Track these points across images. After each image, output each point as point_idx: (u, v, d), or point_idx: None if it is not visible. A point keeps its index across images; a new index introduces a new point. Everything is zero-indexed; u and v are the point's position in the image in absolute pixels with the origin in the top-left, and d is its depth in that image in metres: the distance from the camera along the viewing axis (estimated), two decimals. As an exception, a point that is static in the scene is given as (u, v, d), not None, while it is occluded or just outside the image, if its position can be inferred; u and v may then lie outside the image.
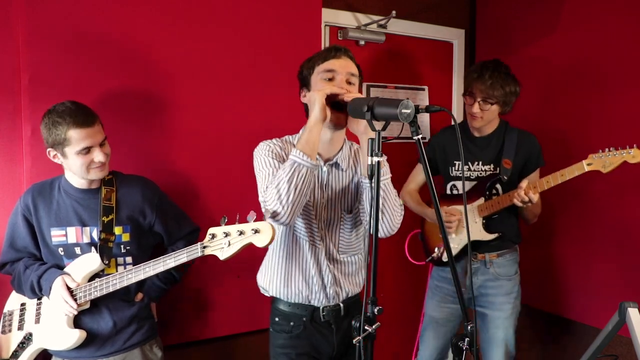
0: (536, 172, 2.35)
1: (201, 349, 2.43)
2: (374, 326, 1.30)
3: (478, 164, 2.39)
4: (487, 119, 2.33)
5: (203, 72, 2.31)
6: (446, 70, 3.30)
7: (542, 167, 2.36)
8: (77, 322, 1.82)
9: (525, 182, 2.17)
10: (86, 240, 1.84)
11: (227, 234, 1.58)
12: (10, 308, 1.92)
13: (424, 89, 3.21)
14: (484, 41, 3.22)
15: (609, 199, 2.50)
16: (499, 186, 2.32)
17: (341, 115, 1.62)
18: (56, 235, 1.84)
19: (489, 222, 2.32)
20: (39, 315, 1.86)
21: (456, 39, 3.29)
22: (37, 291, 1.83)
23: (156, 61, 2.22)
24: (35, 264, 1.85)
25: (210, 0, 2.31)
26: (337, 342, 1.84)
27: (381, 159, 1.33)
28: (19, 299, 1.92)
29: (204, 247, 1.63)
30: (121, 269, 1.85)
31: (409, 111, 1.30)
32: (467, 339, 1.38)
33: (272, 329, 1.87)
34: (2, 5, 1.97)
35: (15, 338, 1.87)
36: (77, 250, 1.84)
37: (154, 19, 2.21)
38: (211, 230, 1.62)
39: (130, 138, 2.18)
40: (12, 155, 2.03)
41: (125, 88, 2.17)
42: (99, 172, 1.81)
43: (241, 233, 1.56)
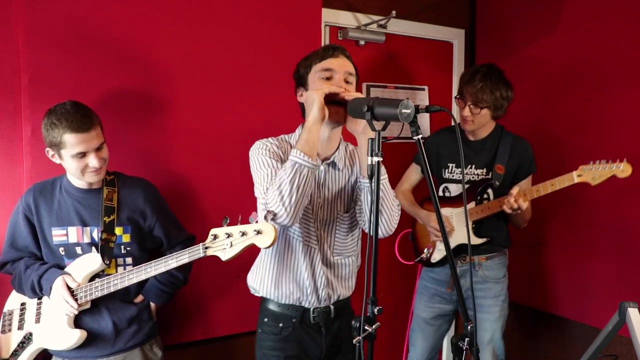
0: (528, 179, 2.36)
1: (201, 349, 2.43)
2: (374, 326, 1.30)
3: (471, 168, 2.39)
4: (479, 122, 2.33)
5: (203, 72, 2.31)
6: (446, 70, 3.30)
7: (534, 174, 2.36)
8: (78, 322, 1.82)
9: (516, 189, 2.18)
10: (87, 240, 1.84)
11: (229, 235, 1.58)
12: (10, 307, 1.92)
13: (424, 89, 3.21)
14: (484, 41, 3.22)
15: (608, 199, 2.50)
16: (490, 191, 2.32)
17: (340, 109, 1.60)
18: (57, 235, 1.84)
19: (478, 226, 2.33)
20: (39, 315, 1.86)
21: (456, 39, 3.29)
22: (38, 291, 1.83)
23: (156, 61, 2.22)
24: (36, 263, 1.85)
25: (210, 0, 2.31)
26: (326, 344, 1.81)
27: (380, 159, 1.33)
28: (19, 298, 1.92)
29: (206, 248, 1.62)
30: (121, 270, 1.85)
31: (409, 111, 1.30)
32: (467, 339, 1.38)
33: (260, 329, 1.85)
34: (2, 5, 1.97)
35: (15, 338, 1.87)
36: (78, 250, 1.84)
37: (154, 19, 2.21)
38: (213, 231, 1.61)
39: (130, 138, 2.18)
40: (12, 155, 2.03)
41: (125, 88, 2.17)
42: (94, 176, 1.81)
43: (243, 234, 1.55)
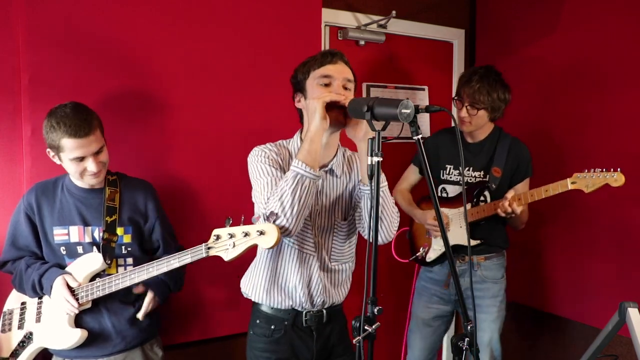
0: (525, 182, 2.35)
1: (201, 348, 2.43)
2: (374, 326, 1.30)
3: (468, 170, 2.39)
4: (476, 124, 2.33)
5: (203, 72, 2.31)
6: (446, 70, 3.30)
7: (531, 177, 2.36)
8: (78, 321, 1.82)
9: (511, 193, 2.18)
10: (88, 239, 1.85)
11: (231, 235, 1.57)
12: (10, 307, 1.92)
13: (423, 89, 3.20)
14: (484, 41, 3.22)
15: (607, 200, 2.50)
16: (487, 193, 2.32)
17: (339, 114, 1.59)
18: (59, 234, 1.85)
19: (474, 228, 2.33)
20: (39, 314, 1.86)
21: (456, 39, 3.29)
22: (39, 290, 1.83)
23: (156, 61, 2.22)
24: (37, 262, 1.85)
25: (210, 0, 2.31)
26: (317, 348, 1.80)
27: (380, 159, 1.32)
28: (19, 297, 1.92)
29: (209, 248, 1.61)
30: (122, 270, 1.84)
31: (408, 111, 1.30)
32: (467, 339, 1.38)
33: (252, 331, 1.84)
34: (2, 5, 1.97)
35: (15, 337, 1.87)
36: (79, 250, 1.85)
37: (154, 19, 2.20)
38: (216, 232, 1.61)
39: (130, 138, 2.18)
40: (12, 155, 2.03)
41: (125, 88, 2.17)
42: (93, 180, 1.82)
43: (246, 234, 1.54)
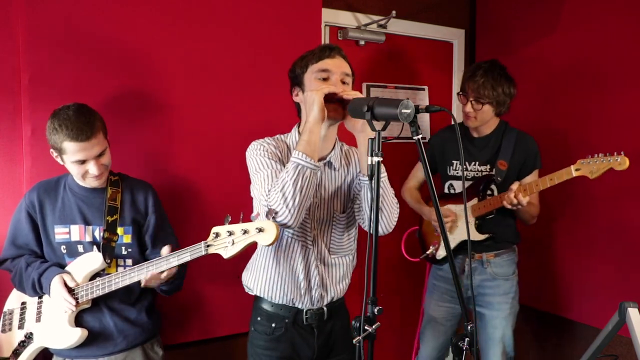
0: (533, 174, 2.34)
1: (201, 348, 2.43)
2: (374, 326, 1.30)
3: (475, 164, 2.39)
4: (482, 119, 2.33)
5: (203, 72, 2.31)
6: (446, 70, 3.30)
7: (540, 169, 2.35)
8: (79, 321, 1.82)
9: (516, 184, 2.18)
10: (89, 239, 1.85)
11: (231, 233, 1.57)
12: (10, 307, 1.92)
13: (424, 89, 3.20)
14: (484, 41, 3.22)
15: (607, 200, 2.50)
16: (494, 187, 2.32)
17: (338, 107, 1.60)
18: (60, 233, 1.85)
19: (482, 222, 2.32)
20: (39, 314, 1.86)
21: (456, 39, 3.29)
22: (38, 289, 1.83)
23: (156, 61, 2.22)
24: (37, 261, 1.85)
25: (210, 0, 2.31)
26: (318, 345, 1.81)
27: (380, 159, 1.32)
28: (20, 297, 1.92)
29: (208, 246, 1.62)
30: (121, 270, 1.84)
31: (409, 111, 1.30)
32: (467, 339, 1.38)
33: (253, 328, 1.85)
34: (2, 5, 1.97)
35: (15, 337, 1.87)
36: (80, 249, 1.85)
37: (154, 19, 2.21)
38: (215, 229, 1.61)
39: (130, 138, 2.18)
40: (12, 155, 2.03)
41: (126, 88, 2.17)
42: (94, 182, 1.82)
43: (245, 232, 1.54)
